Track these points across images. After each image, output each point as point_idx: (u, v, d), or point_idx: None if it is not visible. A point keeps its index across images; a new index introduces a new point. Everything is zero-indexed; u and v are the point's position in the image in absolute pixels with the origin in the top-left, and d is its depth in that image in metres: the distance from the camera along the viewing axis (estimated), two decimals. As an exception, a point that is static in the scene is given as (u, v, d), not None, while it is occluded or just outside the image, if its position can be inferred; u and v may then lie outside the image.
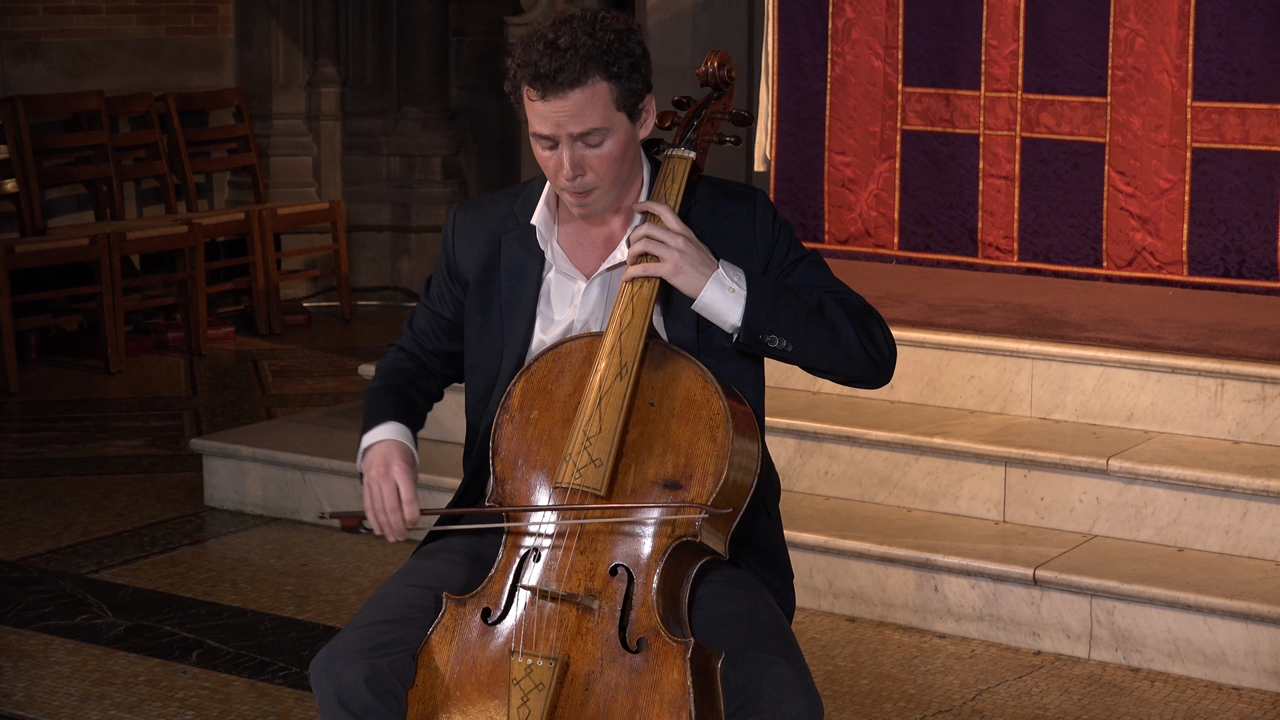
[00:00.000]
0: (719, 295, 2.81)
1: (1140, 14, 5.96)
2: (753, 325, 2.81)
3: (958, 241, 6.33)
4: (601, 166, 2.83)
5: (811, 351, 2.86)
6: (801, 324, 2.84)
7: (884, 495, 5.31)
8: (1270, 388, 5.08)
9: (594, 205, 2.89)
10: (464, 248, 3.04)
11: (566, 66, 2.75)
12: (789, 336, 2.83)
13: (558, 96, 2.77)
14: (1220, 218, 5.89)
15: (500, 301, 2.99)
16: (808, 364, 2.89)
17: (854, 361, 2.89)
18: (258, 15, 9.49)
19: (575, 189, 2.85)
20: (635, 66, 2.82)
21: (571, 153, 2.82)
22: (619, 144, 2.83)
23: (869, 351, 2.89)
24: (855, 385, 2.96)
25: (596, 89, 2.78)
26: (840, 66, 6.45)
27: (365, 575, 5.42)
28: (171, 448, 6.79)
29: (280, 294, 9.00)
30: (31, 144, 8.21)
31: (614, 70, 2.79)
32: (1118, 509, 5.00)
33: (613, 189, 2.88)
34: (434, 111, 9.66)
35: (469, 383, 3.06)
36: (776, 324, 2.82)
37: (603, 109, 2.79)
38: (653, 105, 2.89)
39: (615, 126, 2.82)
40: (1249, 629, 4.54)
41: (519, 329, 2.97)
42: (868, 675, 4.65)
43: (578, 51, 2.76)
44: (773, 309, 2.82)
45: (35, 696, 4.50)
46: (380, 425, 2.98)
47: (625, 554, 2.74)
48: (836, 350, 2.87)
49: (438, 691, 2.75)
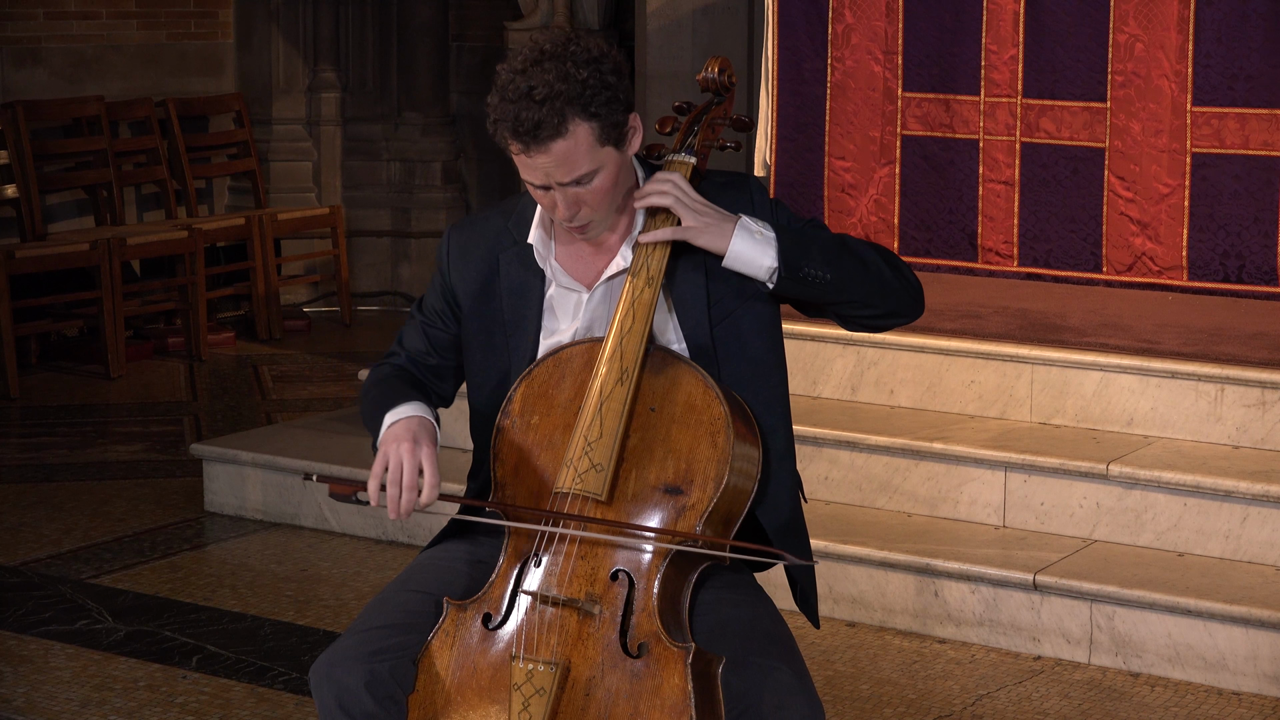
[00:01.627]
0: (749, 242, 2.81)
1: (1140, 19, 5.96)
2: (790, 259, 2.81)
3: (957, 246, 6.33)
4: (596, 200, 2.82)
5: (849, 281, 2.85)
6: (834, 256, 2.84)
7: (884, 500, 5.31)
8: (1270, 393, 5.08)
9: (592, 232, 2.89)
10: (460, 267, 3.01)
11: (545, 121, 2.72)
12: (826, 268, 2.83)
13: (541, 151, 2.75)
14: (1220, 223, 5.90)
15: (503, 320, 2.97)
16: (847, 296, 2.87)
17: (889, 289, 2.89)
18: (258, 21, 9.49)
19: (573, 225, 2.85)
20: (614, 98, 2.77)
21: (565, 195, 2.80)
22: (610, 175, 2.82)
23: (900, 279, 2.90)
24: (893, 317, 2.94)
25: (578, 133, 2.75)
26: (840, 72, 6.45)
27: (365, 580, 5.42)
28: (171, 453, 6.79)
29: (280, 299, 9.00)
30: (32, 149, 8.21)
31: (592, 110, 2.75)
32: (1118, 514, 5.00)
33: (610, 214, 2.88)
34: (434, 117, 9.66)
35: (474, 402, 3.02)
36: (811, 257, 2.82)
37: (587, 151, 2.76)
38: (638, 122, 2.86)
39: (604, 163, 2.80)
40: (1249, 634, 4.54)
41: (524, 346, 2.95)
42: (868, 680, 4.65)
43: (554, 102, 2.71)
44: (804, 245, 2.83)
45: (35, 702, 4.50)
46: (406, 403, 2.88)
47: (626, 559, 2.74)
48: (870, 279, 2.87)
49: (438, 696, 2.75)
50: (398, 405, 2.88)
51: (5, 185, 8.16)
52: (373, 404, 2.93)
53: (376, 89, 9.65)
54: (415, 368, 3.04)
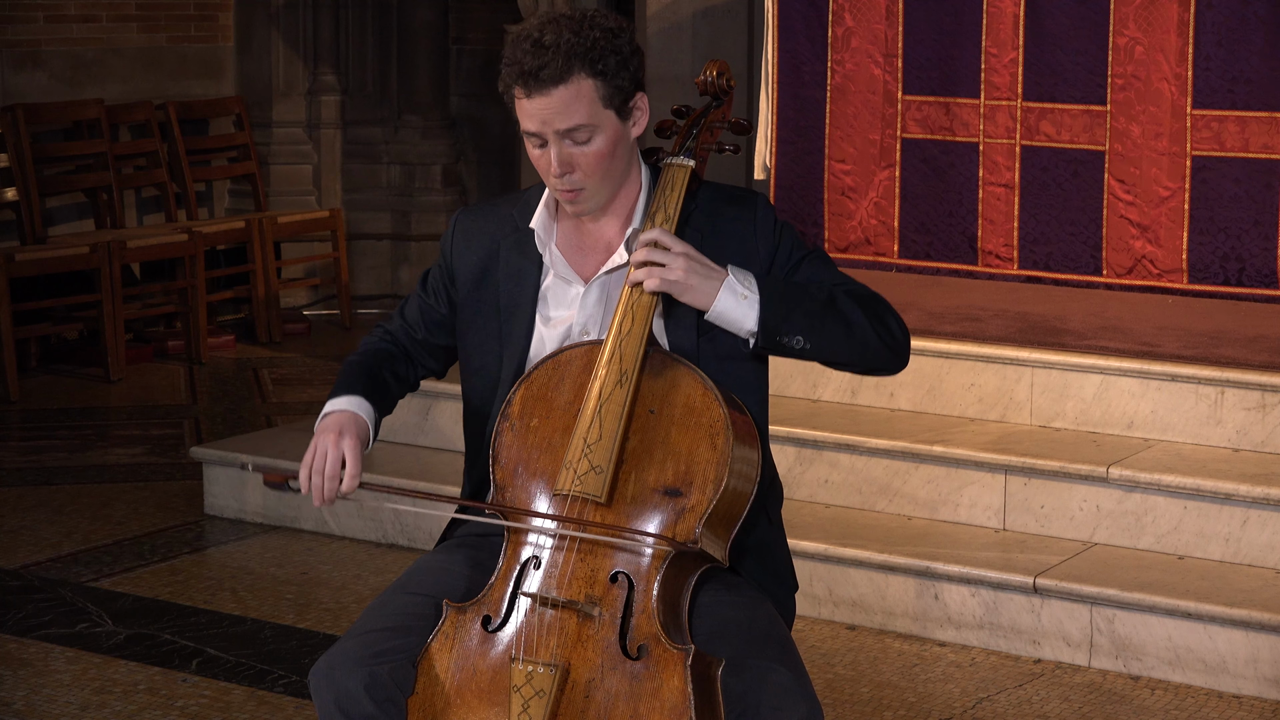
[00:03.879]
0: (733, 303, 2.81)
1: (1140, 22, 5.96)
2: (770, 328, 2.81)
3: (958, 249, 6.33)
4: (589, 164, 2.84)
5: (829, 346, 2.86)
6: (816, 321, 2.84)
7: (884, 503, 5.31)
8: (1270, 395, 5.08)
9: (585, 203, 2.90)
10: (463, 250, 3.05)
11: (550, 64, 2.77)
12: (806, 335, 2.83)
13: (542, 94, 2.79)
14: (1220, 226, 5.90)
15: (498, 304, 3.00)
16: (826, 359, 2.89)
17: (870, 351, 2.89)
18: (258, 24, 9.50)
19: (564, 186, 2.86)
20: (623, 64, 2.82)
21: (559, 150, 2.83)
22: (607, 141, 2.84)
23: (884, 339, 2.89)
24: (873, 373, 2.97)
25: (581, 86, 2.79)
26: (840, 75, 6.45)
27: (365, 584, 5.42)
28: (171, 456, 6.79)
29: (280, 302, 9.01)
30: (32, 152, 8.21)
31: (599, 67, 2.80)
32: (1118, 517, 5.00)
33: (603, 187, 2.88)
34: (434, 120, 9.66)
35: (468, 388, 3.06)
36: (792, 324, 2.82)
37: (588, 105, 2.80)
38: (645, 104, 2.89)
39: (602, 124, 2.82)
40: (1249, 637, 4.53)
41: (518, 331, 2.97)
42: (868, 683, 4.65)
43: (560, 49, 2.77)
44: (787, 310, 2.82)
45: (35, 705, 4.50)
46: (347, 395, 2.98)
47: (626, 561, 2.74)
48: (853, 342, 2.87)
49: (438, 699, 2.75)
50: (343, 395, 2.97)
51: (5, 188, 8.16)
52: (336, 383, 3.03)
53: (376, 92, 9.66)
54: (405, 338, 3.11)
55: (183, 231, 8.42)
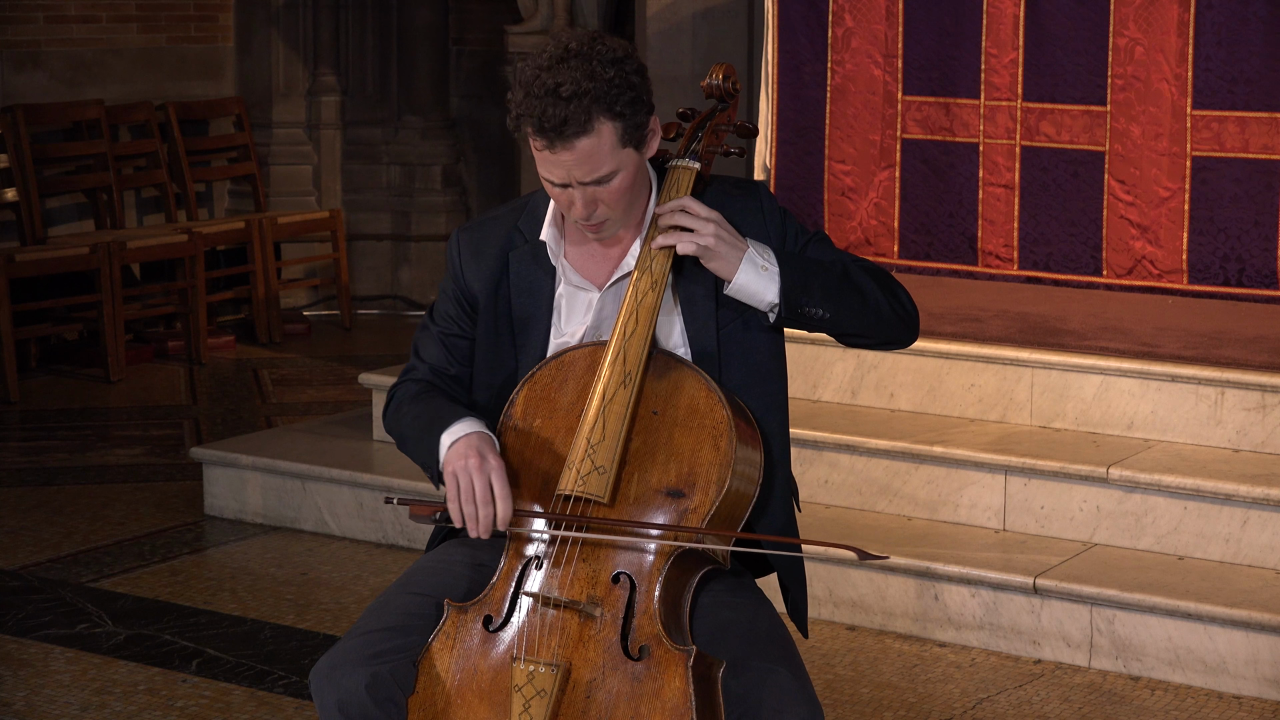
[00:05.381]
0: (754, 275, 2.82)
1: (1140, 23, 5.97)
2: (791, 299, 2.83)
3: (958, 250, 6.34)
4: (612, 199, 2.83)
5: (847, 318, 2.88)
6: (834, 292, 2.86)
7: (884, 504, 5.31)
8: (1270, 396, 5.08)
9: (607, 231, 2.89)
10: (473, 267, 3.00)
11: (572, 118, 2.72)
12: (825, 306, 2.85)
13: (566, 149, 2.75)
14: (1220, 226, 5.90)
15: (512, 318, 2.97)
16: (843, 329, 2.91)
17: (885, 322, 2.92)
18: (258, 24, 9.50)
19: (588, 224, 2.85)
20: (637, 99, 2.79)
21: (583, 194, 2.81)
22: (629, 176, 2.82)
23: (897, 310, 2.92)
24: (886, 346, 2.98)
25: (602, 131, 2.76)
26: (840, 75, 6.46)
27: (365, 584, 5.42)
28: (171, 456, 6.79)
29: (280, 303, 9.01)
30: (32, 153, 8.21)
31: (617, 109, 2.76)
32: (1118, 517, 5.00)
33: (625, 214, 2.88)
34: (434, 120, 9.66)
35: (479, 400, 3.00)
36: (811, 295, 2.84)
37: (609, 151, 2.77)
38: (657, 125, 2.88)
39: (624, 163, 2.80)
40: (1249, 637, 4.54)
41: (534, 344, 2.96)
42: (868, 684, 4.65)
43: (581, 100, 2.72)
44: (806, 281, 2.84)
45: (35, 705, 4.50)
46: (460, 421, 2.85)
47: (628, 562, 2.74)
48: (869, 312, 2.90)
49: (439, 698, 2.75)
50: (454, 423, 2.85)
51: (5, 189, 8.16)
52: (419, 427, 2.91)
53: (376, 93, 9.65)
54: (439, 378, 3.01)
55: (183, 232, 8.42)
